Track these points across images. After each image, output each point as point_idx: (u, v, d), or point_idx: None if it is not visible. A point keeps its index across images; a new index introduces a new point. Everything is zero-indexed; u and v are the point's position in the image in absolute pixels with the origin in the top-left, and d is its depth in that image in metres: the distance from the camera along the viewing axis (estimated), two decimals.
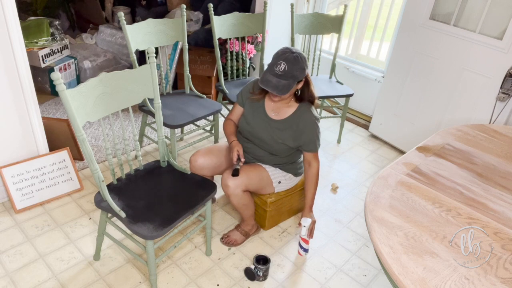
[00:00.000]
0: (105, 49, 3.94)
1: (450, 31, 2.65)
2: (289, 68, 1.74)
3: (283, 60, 1.75)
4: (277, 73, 1.76)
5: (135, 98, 1.75)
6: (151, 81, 1.76)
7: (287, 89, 1.78)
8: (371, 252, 2.23)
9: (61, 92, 1.44)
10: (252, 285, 1.97)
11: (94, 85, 1.58)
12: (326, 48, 3.88)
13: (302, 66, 1.78)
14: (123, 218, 1.66)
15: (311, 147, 1.97)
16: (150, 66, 1.73)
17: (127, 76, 1.69)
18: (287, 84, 1.77)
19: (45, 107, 3.26)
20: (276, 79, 1.76)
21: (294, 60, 1.75)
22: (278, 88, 1.77)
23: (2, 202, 2.30)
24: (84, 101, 1.55)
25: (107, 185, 1.81)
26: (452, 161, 1.87)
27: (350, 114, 3.66)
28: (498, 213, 1.55)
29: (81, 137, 1.55)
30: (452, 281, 1.23)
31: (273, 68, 1.77)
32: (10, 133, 2.18)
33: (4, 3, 1.89)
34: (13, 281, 1.87)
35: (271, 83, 1.77)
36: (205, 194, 1.83)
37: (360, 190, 2.72)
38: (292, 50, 1.78)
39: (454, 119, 2.78)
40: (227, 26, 2.74)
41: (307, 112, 1.94)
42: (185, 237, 1.93)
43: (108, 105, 1.66)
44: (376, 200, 1.55)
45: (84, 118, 1.56)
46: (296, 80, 1.79)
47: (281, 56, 1.77)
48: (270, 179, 2.07)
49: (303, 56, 1.79)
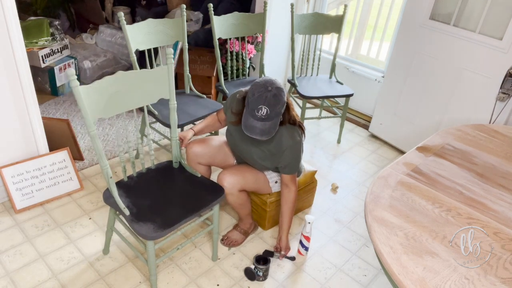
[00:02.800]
0: (105, 49, 3.94)
1: (450, 31, 2.65)
2: (271, 109, 1.67)
3: (263, 104, 1.66)
4: (261, 118, 1.68)
5: (150, 98, 1.77)
6: (167, 82, 1.78)
7: (274, 128, 1.73)
8: (371, 252, 2.23)
9: (75, 88, 1.47)
10: (252, 285, 1.97)
11: (109, 83, 1.60)
12: (326, 48, 3.88)
13: (283, 101, 1.71)
14: (127, 216, 1.67)
15: (287, 170, 1.92)
16: (167, 67, 1.75)
17: (144, 75, 1.71)
18: (273, 123, 1.72)
19: (45, 107, 3.26)
20: (260, 123, 1.70)
21: (274, 100, 1.67)
22: (265, 132, 1.71)
23: (2, 202, 2.30)
24: (97, 98, 1.57)
25: (118, 182, 1.84)
26: (452, 161, 1.87)
27: (350, 114, 3.66)
28: (498, 213, 1.55)
29: (92, 133, 1.57)
30: (452, 281, 1.23)
31: (254, 113, 1.68)
32: (10, 133, 2.18)
33: (4, 3, 1.89)
34: (13, 281, 1.87)
35: (257, 129, 1.70)
36: (212, 199, 1.81)
37: (360, 190, 2.73)
38: (268, 88, 1.67)
39: (454, 119, 2.78)
40: (227, 26, 2.74)
41: (287, 135, 1.85)
42: (189, 240, 1.92)
43: (123, 103, 1.68)
44: (376, 200, 1.55)
45: (96, 115, 1.58)
46: (280, 115, 1.74)
47: (259, 99, 1.67)
48: (267, 179, 2.07)
49: (280, 89, 1.70)
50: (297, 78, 3.13)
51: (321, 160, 3.01)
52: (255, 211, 2.26)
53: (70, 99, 3.43)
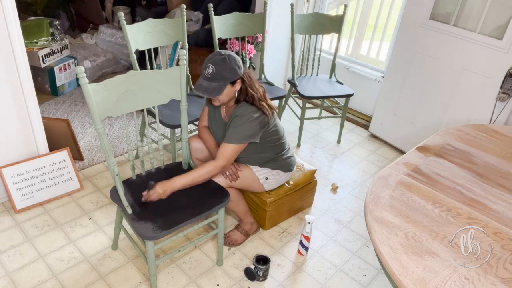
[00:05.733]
0: (105, 49, 3.94)
1: (450, 31, 2.65)
2: (217, 70, 1.74)
3: (211, 63, 1.75)
4: (207, 76, 1.76)
5: (161, 98, 1.78)
6: (179, 83, 1.79)
7: (218, 91, 1.77)
8: (371, 252, 2.23)
9: (84, 85, 1.49)
10: (252, 285, 1.97)
11: (120, 82, 1.62)
12: (326, 48, 3.88)
13: (231, 66, 1.76)
14: (129, 214, 1.68)
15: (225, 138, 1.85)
16: (180, 68, 1.76)
17: (155, 76, 1.72)
18: (218, 86, 1.76)
19: (45, 107, 3.26)
20: (206, 82, 1.77)
21: (222, 62, 1.74)
22: (208, 90, 1.77)
23: (2, 202, 2.30)
24: (106, 96, 1.59)
25: (125, 180, 1.85)
26: (452, 161, 1.87)
27: (350, 114, 3.66)
28: (498, 213, 1.55)
29: (100, 130, 1.59)
30: (452, 281, 1.23)
31: (203, 72, 1.78)
32: (10, 133, 2.18)
33: (4, 3, 1.89)
34: (13, 281, 1.87)
35: (202, 87, 1.78)
36: (216, 202, 1.81)
37: (360, 190, 2.73)
38: (221, 53, 1.77)
39: (454, 119, 2.78)
40: (227, 26, 2.74)
41: (237, 111, 1.85)
42: (192, 243, 1.92)
43: (133, 102, 1.70)
44: (376, 200, 1.55)
45: (105, 113, 1.60)
46: (227, 81, 1.77)
47: (209, 59, 1.77)
48: (255, 176, 2.05)
49: (232, 57, 1.77)
50: (297, 78, 3.13)
51: (321, 160, 3.01)
52: (255, 211, 2.26)
53: (70, 99, 3.43)
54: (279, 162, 2.07)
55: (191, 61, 3.34)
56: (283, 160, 2.09)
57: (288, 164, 2.12)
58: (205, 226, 2.26)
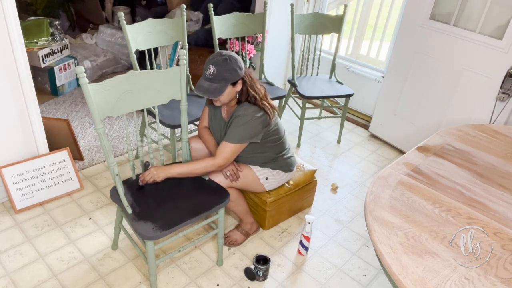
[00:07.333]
0: (105, 49, 3.94)
1: (450, 31, 2.65)
2: (218, 70, 1.74)
3: (212, 63, 1.75)
4: (208, 77, 1.76)
5: (161, 98, 1.78)
6: (179, 83, 1.79)
7: (219, 92, 1.77)
8: (371, 252, 2.23)
9: (84, 85, 1.49)
10: (252, 285, 1.97)
11: (120, 82, 1.62)
12: (326, 48, 3.88)
13: (232, 67, 1.76)
14: (129, 214, 1.68)
15: (225, 136, 1.86)
16: (180, 68, 1.76)
17: (155, 76, 1.72)
18: (219, 87, 1.77)
19: (45, 107, 3.26)
20: (207, 83, 1.77)
21: (223, 62, 1.74)
22: (209, 91, 1.77)
23: (2, 202, 2.30)
24: (107, 96, 1.59)
25: (126, 180, 1.85)
26: (452, 161, 1.87)
27: (350, 114, 3.66)
28: (498, 213, 1.55)
29: (100, 130, 1.59)
30: (452, 281, 1.23)
31: (204, 73, 1.78)
32: (10, 133, 2.18)
33: (4, 3, 1.89)
34: (13, 281, 1.87)
35: (203, 87, 1.78)
36: (216, 202, 1.81)
37: (360, 190, 2.73)
38: (222, 53, 1.77)
39: (454, 119, 2.78)
40: (227, 26, 2.74)
41: (239, 110, 1.86)
42: (192, 243, 1.92)
43: (133, 102, 1.70)
44: (376, 200, 1.55)
45: (105, 113, 1.60)
46: (227, 82, 1.77)
47: (210, 60, 1.77)
48: (256, 176, 2.05)
49: (233, 58, 1.77)
50: (297, 78, 3.13)
51: (321, 160, 3.01)
52: (255, 211, 2.26)
53: (70, 99, 3.43)
54: (279, 162, 2.07)
55: (191, 61, 3.34)
56: (284, 160, 2.09)
57: (288, 164, 2.12)
58: (205, 226, 2.26)
